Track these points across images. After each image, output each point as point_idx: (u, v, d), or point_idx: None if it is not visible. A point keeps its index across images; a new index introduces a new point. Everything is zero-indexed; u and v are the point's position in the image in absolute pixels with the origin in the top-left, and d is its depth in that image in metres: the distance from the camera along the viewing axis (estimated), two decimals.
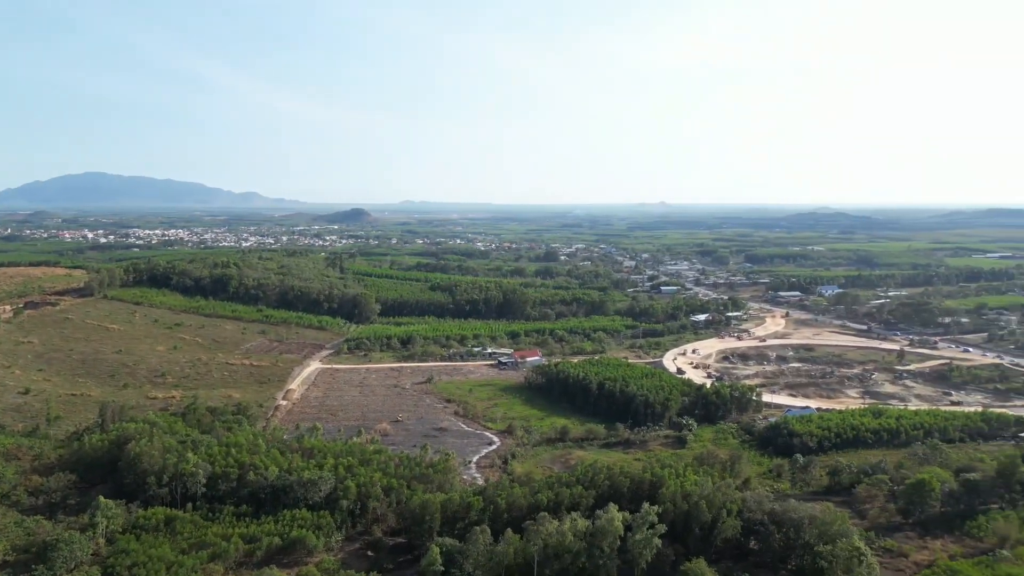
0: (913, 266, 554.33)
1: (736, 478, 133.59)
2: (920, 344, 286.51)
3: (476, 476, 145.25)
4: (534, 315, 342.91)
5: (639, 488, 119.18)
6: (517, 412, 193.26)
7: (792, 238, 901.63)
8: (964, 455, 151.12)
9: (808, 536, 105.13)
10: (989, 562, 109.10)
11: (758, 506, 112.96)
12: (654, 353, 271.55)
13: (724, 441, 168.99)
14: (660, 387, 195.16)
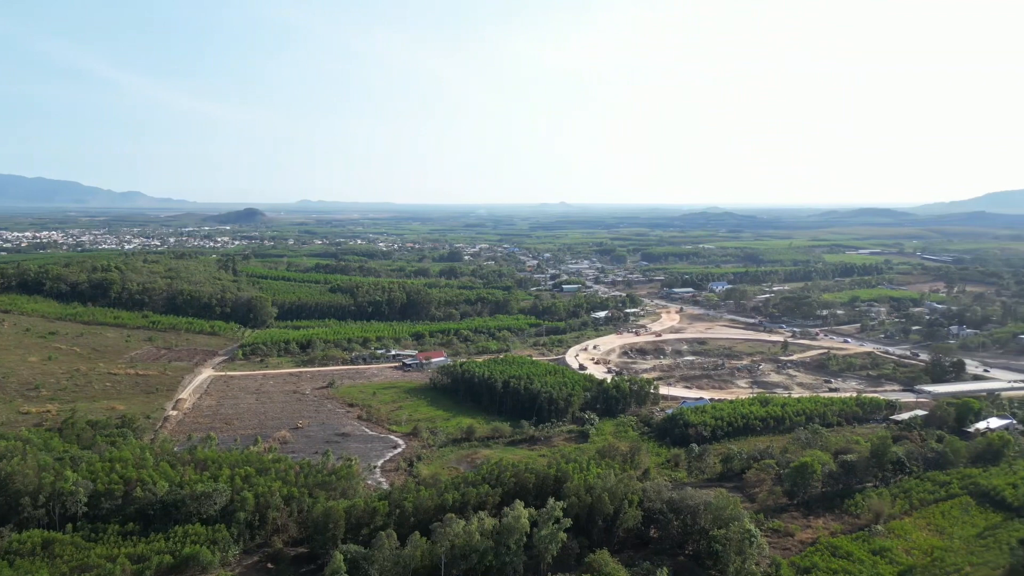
0: (794, 262, 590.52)
1: (636, 469, 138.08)
2: (802, 335, 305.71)
3: (381, 480, 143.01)
4: (439, 315, 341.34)
5: (544, 484, 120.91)
6: (422, 414, 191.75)
7: (685, 237, 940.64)
8: (842, 438, 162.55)
9: (704, 522, 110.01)
10: (865, 536, 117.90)
11: (657, 495, 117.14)
12: (557, 350, 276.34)
13: (624, 434, 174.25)
14: (563, 383, 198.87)
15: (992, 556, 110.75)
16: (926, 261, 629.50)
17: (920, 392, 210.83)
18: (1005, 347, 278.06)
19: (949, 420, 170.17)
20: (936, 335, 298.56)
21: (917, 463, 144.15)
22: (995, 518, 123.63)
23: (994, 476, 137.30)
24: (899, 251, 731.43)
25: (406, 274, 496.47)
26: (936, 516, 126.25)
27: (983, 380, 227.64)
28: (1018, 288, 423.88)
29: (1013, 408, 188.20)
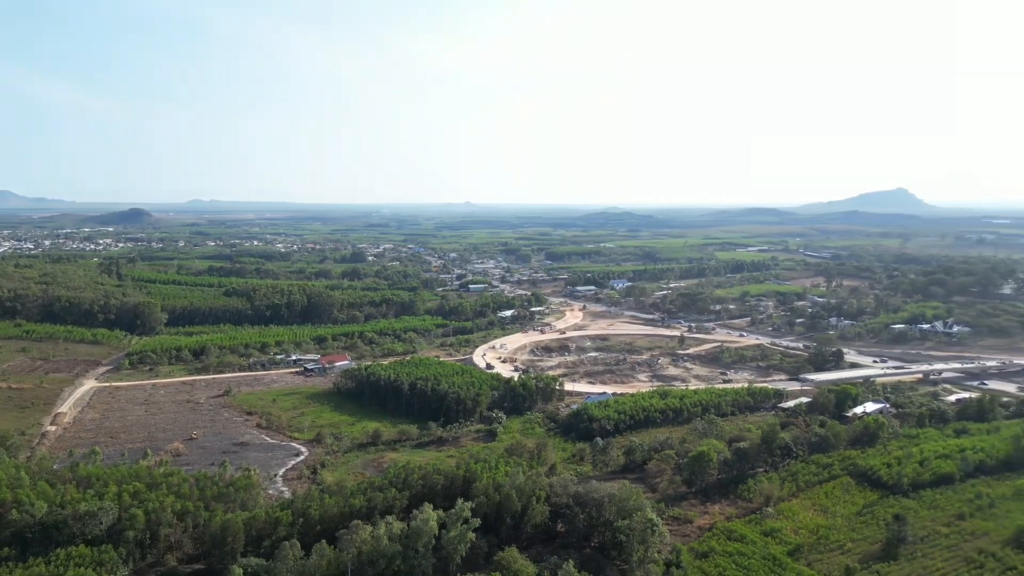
0: (689, 260, 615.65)
1: (543, 465, 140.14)
2: (697, 330, 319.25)
3: (284, 490, 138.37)
4: (342, 318, 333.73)
5: (453, 485, 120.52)
6: (326, 419, 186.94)
7: (587, 236, 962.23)
8: (735, 427, 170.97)
9: (608, 513, 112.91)
10: (757, 519, 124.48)
11: (564, 490, 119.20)
12: (464, 350, 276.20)
13: (532, 431, 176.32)
14: (471, 383, 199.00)
15: (870, 531, 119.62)
16: (808, 258, 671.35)
17: (804, 380, 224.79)
18: (878, 336, 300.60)
19: (830, 406, 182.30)
20: (818, 327, 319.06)
21: (803, 447, 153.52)
22: (872, 496, 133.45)
23: (871, 457, 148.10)
24: (784, 248, 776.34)
25: (306, 276, 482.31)
26: (820, 496, 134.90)
27: (860, 368, 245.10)
28: (889, 282, 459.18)
29: (886, 393, 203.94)
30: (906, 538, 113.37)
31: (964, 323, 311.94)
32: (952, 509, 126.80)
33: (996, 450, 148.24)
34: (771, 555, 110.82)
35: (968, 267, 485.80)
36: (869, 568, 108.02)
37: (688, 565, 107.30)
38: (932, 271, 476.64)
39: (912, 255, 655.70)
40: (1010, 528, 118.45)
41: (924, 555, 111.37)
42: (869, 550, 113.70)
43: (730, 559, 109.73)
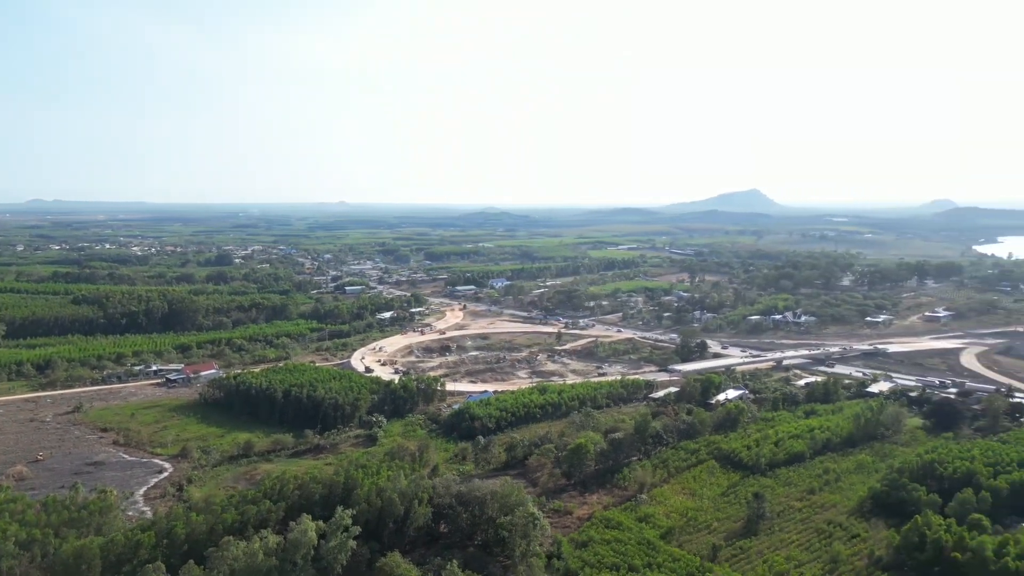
0: (565, 259, 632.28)
1: (426, 467, 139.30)
2: (573, 326, 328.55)
3: (145, 510, 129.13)
4: (207, 325, 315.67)
5: (332, 493, 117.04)
6: (192, 432, 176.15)
7: (465, 236, 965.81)
8: (610, 418, 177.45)
9: (491, 510, 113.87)
10: (632, 506, 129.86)
11: (446, 490, 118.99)
12: (342, 354, 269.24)
13: (413, 433, 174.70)
14: (349, 388, 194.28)
15: (733, 510, 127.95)
16: (673, 255, 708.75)
17: (673, 371, 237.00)
18: (737, 327, 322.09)
19: (696, 394, 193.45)
20: (683, 320, 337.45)
21: (672, 435, 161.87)
22: (735, 477, 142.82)
23: (733, 440, 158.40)
24: (652, 246, 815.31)
25: (167, 281, 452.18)
26: (689, 480, 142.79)
27: (722, 357, 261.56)
28: (745, 276, 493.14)
29: (745, 380, 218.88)
30: (764, 514, 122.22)
31: (810, 313, 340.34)
32: (804, 485, 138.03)
33: (840, 428, 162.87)
34: (646, 539, 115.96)
35: (813, 262, 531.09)
36: (733, 544, 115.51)
37: (569, 555, 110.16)
38: (782, 266, 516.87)
39: (765, 251, 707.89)
40: (853, 499, 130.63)
41: (780, 529, 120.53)
42: (733, 528, 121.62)
43: (608, 546, 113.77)
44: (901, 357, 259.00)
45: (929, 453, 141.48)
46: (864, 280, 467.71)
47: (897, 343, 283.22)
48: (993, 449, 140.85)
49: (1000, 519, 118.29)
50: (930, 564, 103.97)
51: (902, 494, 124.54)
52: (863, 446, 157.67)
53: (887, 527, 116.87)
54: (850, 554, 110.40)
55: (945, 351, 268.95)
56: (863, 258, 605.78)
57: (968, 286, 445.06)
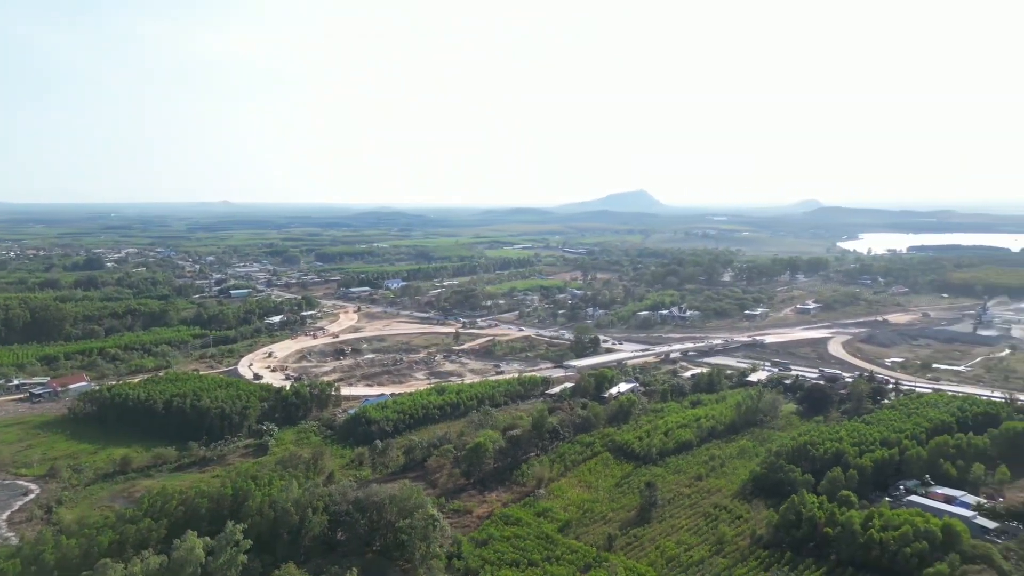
0: (461, 258, 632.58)
1: (321, 475, 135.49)
2: (471, 325, 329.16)
3: (10, 536, 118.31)
4: (77, 334, 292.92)
5: (221, 506, 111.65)
6: (62, 450, 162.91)
7: (359, 236, 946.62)
8: (508, 416, 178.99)
9: (390, 515, 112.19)
10: (531, 502, 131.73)
11: (343, 497, 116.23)
12: (228, 361, 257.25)
13: (307, 440, 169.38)
14: (237, 396, 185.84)
15: (628, 500, 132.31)
16: (567, 254, 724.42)
17: (568, 367, 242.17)
18: (628, 323, 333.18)
19: (591, 388, 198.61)
20: (577, 317, 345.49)
21: (569, 429, 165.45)
22: (628, 467, 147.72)
23: (626, 432, 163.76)
24: (546, 245, 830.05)
25: (29, 287, 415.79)
26: (585, 473, 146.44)
27: (614, 352, 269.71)
28: (635, 274, 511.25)
29: (636, 373, 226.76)
30: (656, 502, 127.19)
31: (695, 308, 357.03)
32: (692, 471, 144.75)
33: (724, 416, 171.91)
34: (544, 534, 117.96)
35: (696, 259, 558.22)
36: (627, 533, 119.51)
37: (469, 555, 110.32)
38: (668, 263, 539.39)
39: (652, 249, 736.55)
40: (737, 483, 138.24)
41: (671, 515, 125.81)
42: (627, 517, 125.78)
43: (508, 543, 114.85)
44: (777, 347, 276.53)
45: (803, 436, 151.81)
46: (743, 276, 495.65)
47: (773, 334, 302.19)
48: (858, 430, 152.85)
49: (866, 494, 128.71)
50: (805, 540, 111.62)
51: (780, 475, 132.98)
52: (745, 432, 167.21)
53: (767, 507, 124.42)
54: (734, 535, 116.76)
55: (815, 340, 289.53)
56: (741, 255, 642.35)
57: (834, 280, 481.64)
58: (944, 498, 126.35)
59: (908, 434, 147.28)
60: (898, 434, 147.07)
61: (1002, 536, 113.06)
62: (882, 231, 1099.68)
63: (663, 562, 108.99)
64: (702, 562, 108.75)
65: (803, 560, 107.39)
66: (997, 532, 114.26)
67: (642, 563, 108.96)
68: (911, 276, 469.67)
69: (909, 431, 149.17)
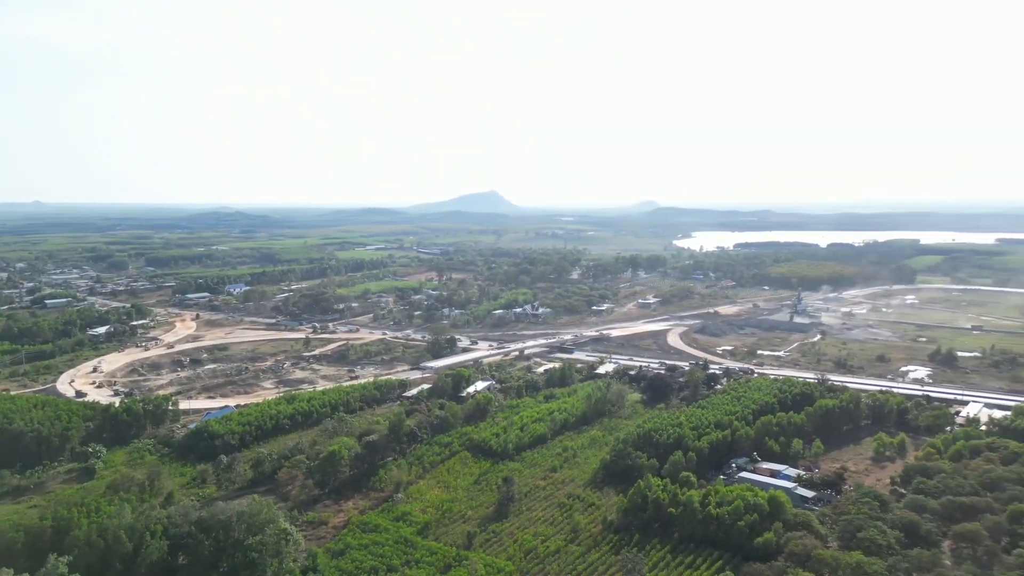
0: (310, 260, 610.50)
1: (158, 496, 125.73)
2: (322, 330, 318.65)
3: None
4: None
5: (40, 539, 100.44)
6: None
7: (195, 239, 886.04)
8: (364, 421, 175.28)
9: (238, 533, 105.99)
10: (389, 506, 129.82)
11: (184, 518, 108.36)
12: (45, 378, 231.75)
13: (141, 460, 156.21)
14: (57, 416, 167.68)
15: (486, 497, 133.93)
16: (421, 254, 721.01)
17: (425, 368, 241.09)
18: (483, 322, 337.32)
19: (448, 389, 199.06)
20: (434, 317, 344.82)
21: (426, 430, 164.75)
22: (486, 465, 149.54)
23: (483, 430, 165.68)
24: (400, 246, 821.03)
25: None
26: (444, 473, 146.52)
27: (471, 351, 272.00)
28: (489, 273, 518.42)
29: (492, 371, 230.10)
30: (513, 496, 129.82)
31: (547, 305, 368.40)
32: (547, 464, 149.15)
33: (576, 409, 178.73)
34: (403, 538, 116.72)
35: (547, 258, 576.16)
36: (487, 529, 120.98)
37: (325, 567, 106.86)
38: (521, 263, 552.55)
39: (505, 249, 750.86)
40: (588, 472, 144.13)
41: (528, 508, 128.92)
42: (486, 513, 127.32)
43: (365, 551, 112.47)
44: (622, 340, 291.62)
45: (647, 423, 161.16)
46: (590, 273, 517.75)
47: (619, 328, 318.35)
48: (696, 415, 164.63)
49: (704, 474, 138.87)
50: (652, 521, 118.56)
51: (627, 462, 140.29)
52: (595, 423, 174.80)
53: (617, 493, 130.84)
54: (588, 522, 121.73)
55: (656, 333, 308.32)
56: (588, 253, 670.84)
57: (671, 276, 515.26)
58: (770, 472, 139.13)
59: (738, 416, 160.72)
60: (730, 416, 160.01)
61: (818, 504, 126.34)
62: (711, 230, 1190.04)
63: (521, 555, 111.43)
64: (558, 551, 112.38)
65: (650, 540, 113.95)
66: (814, 500, 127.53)
67: (501, 558, 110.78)
68: (737, 271, 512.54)
69: (739, 413, 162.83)
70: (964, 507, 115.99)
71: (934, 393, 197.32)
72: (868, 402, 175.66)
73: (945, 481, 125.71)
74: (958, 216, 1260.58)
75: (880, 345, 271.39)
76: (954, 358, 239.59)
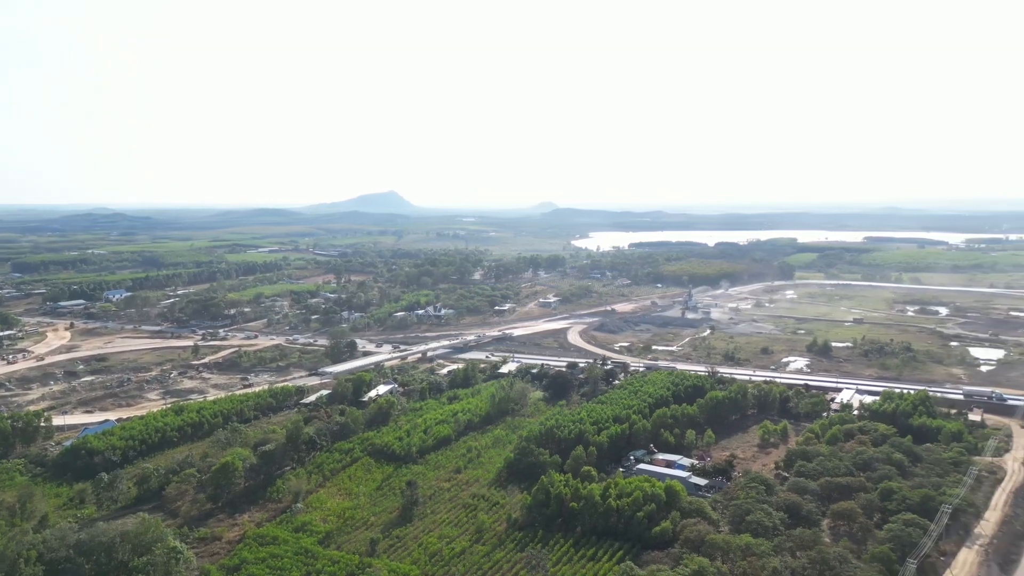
0: (197, 264, 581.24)
1: (30, 520, 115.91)
2: (212, 337, 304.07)
3: None
4: None
5: None
6: None
7: (68, 242, 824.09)
8: (260, 430, 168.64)
9: (122, 554, 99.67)
10: (288, 518, 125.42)
11: (61, 542, 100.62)
12: None
13: (10, 481, 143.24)
14: None
15: (389, 502, 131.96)
16: (318, 256, 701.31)
17: (324, 374, 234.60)
18: (384, 324, 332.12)
19: (348, 394, 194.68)
20: (332, 321, 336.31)
21: (326, 437, 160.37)
22: (389, 469, 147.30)
23: (385, 434, 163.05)
24: (295, 248, 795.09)
25: None
26: (345, 480, 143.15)
27: (372, 355, 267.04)
28: (389, 275, 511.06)
29: (395, 374, 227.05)
30: (418, 500, 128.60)
31: (449, 306, 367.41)
32: (451, 465, 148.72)
33: (479, 409, 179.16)
34: (303, 548, 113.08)
35: (448, 259, 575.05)
36: (390, 535, 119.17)
37: None
38: (422, 263, 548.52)
39: (406, 250, 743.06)
40: (492, 471, 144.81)
41: (433, 511, 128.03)
42: (390, 519, 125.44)
43: (263, 564, 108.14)
44: (524, 339, 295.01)
45: (549, 420, 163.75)
46: (492, 273, 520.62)
47: (521, 327, 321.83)
48: (596, 410, 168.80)
49: (604, 468, 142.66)
50: (555, 516, 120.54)
51: (531, 459, 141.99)
52: (499, 422, 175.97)
53: (521, 491, 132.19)
54: (492, 521, 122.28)
55: (557, 331, 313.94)
56: (489, 254, 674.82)
57: (570, 275, 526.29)
58: (665, 463, 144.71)
59: (635, 409, 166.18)
60: (627, 410, 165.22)
61: (711, 491, 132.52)
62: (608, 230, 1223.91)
63: (426, 559, 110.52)
64: (463, 552, 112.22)
65: (553, 536, 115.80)
66: (707, 488, 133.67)
67: (406, 563, 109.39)
68: (633, 269, 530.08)
69: (636, 407, 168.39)
70: (840, 487, 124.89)
71: (812, 382, 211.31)
72: (754, 392, 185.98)
73: (823, 463, 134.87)
74: (830, 216, 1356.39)
75: (764, 338, 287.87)
76: (829, 349, 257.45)
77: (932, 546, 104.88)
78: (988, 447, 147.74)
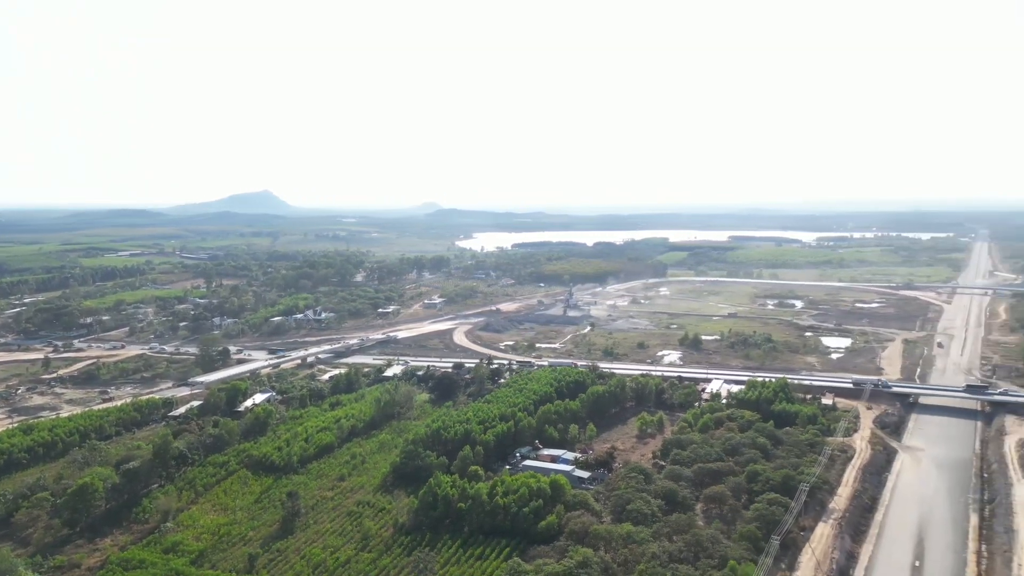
0: (47, 269, 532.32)
1: None
2: (66, 348, 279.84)
3: None
4: None
5: None
6: None
7: None
8: (123, 447, 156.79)
9: None
10: (156, 538, 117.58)
11: None
12: None
13: None
14: None
15: (269, 515, 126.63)
16: (185, 259, 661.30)
17: (194, 384, 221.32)
18: (259, 330, 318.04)
19: (222, 404, 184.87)
20: (203, 328, 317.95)
21: (198, 451, 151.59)
22: (268, 481, 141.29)
23: (263, 445, 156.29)
24: (159, 251, 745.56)
25: None
26: (220, 495, 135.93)
27: (247, 362, 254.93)
28: (265, 278, 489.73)
29: (272, 382, 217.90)
30: (299, 511, 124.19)
31: (330, 309, 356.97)
32: (335, 473, 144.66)
33: (364, 414, 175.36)
34: (173, 570, 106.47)
35: (328, 260, 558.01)
36: (270, 549, 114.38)
37: None
38: (300, 266, 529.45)
39: (282, 252, 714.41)
40: (377, 477, 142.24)
41: (316, 521, 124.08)
42: (269, 532, 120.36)
43: None
44: (410, 341, 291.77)
45: (435, 422, 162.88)
46: (375, 275, 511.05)
47: (405, 329, 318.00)
48: (482, 409, 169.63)
49: (491, 466, 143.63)
50: (442, 518, 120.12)
51: (417, 462, 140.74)
52: (384, 426, 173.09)
53: (408, 495, 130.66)
54: (378, 527, 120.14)
55: (442, 332, 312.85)
56: (372, 255, 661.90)
57: (455, 275, 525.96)
58: (550, 458, 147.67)
59: (521, 407, 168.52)
60: (513, 408, 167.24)
61: (594, 483, 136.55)
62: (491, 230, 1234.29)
63: (310, 571, 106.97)
64: (348, 561, 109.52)
65: (441, 538, 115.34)
66: (590, 480, 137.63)
67: None
68: (516, 269, 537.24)
69: (521, 404, 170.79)
70: (712, 472, 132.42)
71: (685, 374, 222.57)
72: (632, 385, 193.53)
73: (696, 451, 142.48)
74: (698, 216, 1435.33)
75: (640, 333, 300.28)
76: (699, 342, 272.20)
77: (793, 522, 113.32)
78: (839, 428, 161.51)
